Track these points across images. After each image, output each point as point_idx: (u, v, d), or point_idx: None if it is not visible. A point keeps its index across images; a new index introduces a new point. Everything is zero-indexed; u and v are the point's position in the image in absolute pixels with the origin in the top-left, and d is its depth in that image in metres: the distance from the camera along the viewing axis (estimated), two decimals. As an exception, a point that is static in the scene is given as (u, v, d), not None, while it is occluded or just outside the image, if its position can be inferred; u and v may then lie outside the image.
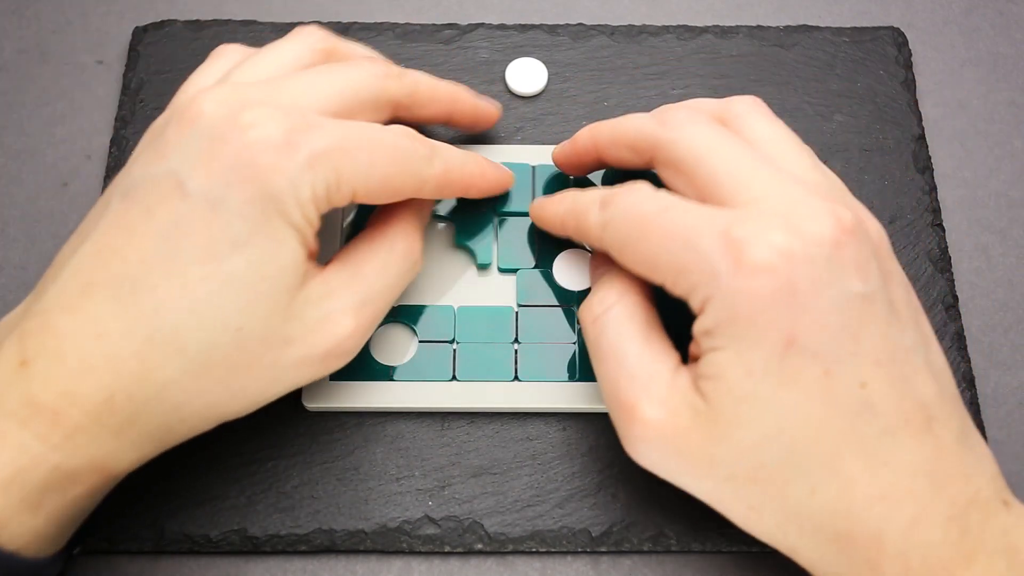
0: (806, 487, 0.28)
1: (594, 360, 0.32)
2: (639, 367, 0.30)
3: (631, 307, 0.31)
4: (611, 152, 0.34)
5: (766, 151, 0.31)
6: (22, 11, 0.45)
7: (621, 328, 0.31)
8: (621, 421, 0.30)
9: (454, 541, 0.35)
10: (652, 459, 0.30)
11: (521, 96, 0.42)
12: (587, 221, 0.32)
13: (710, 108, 0.33)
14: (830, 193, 0.30)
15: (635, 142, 0.33)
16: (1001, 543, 0.28)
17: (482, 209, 0.39)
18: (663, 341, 0.31)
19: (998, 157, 0.43)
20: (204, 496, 0.35)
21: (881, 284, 0.28)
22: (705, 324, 0.28)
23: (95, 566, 0.35)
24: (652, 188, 0.31)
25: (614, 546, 0.35)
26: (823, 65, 0.43)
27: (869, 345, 0.28)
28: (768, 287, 0.27)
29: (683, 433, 0.29)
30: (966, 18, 0.46)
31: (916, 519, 0.27)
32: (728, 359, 0.28)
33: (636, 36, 0.44)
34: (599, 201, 0.32)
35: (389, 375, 0.36)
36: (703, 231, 0.28)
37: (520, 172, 0.40)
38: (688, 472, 0.30)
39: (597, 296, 0.32)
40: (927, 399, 0.28)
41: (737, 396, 0.28)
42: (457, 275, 0.38)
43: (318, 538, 0.34)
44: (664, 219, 0.29)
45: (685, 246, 0.29)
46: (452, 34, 0.44)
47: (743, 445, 0.28)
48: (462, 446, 0.36)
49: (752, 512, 0.29)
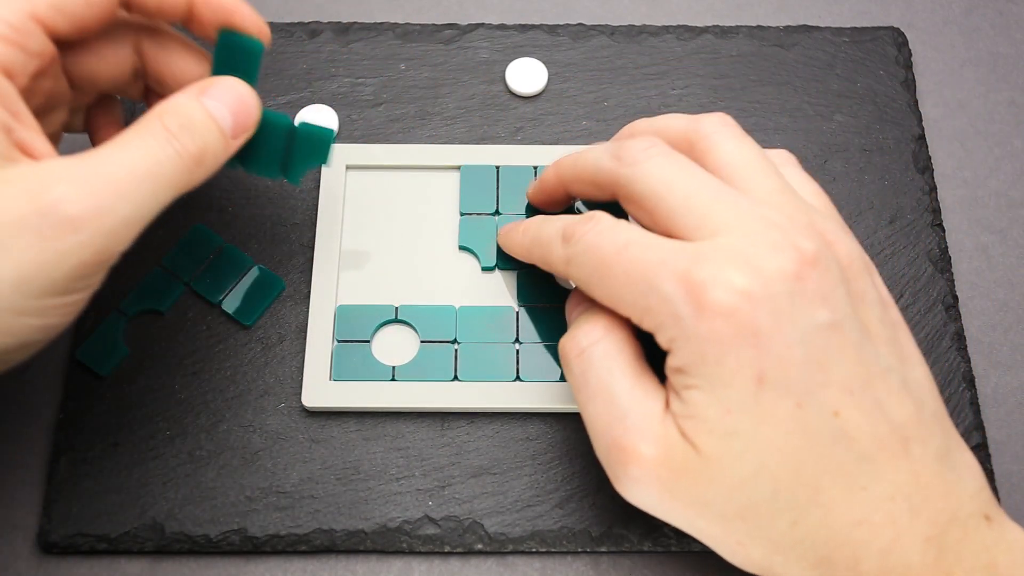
0: (789, 519, 0.28)
1: (580, 395, 0.31)
2: (631, 406, 0.29)
3: (618, 342, 0.31)
4: (576, 188, 0.34)
5: (731, 176, 0.31)
6: (22, 11, 0.45)
7: (609, 363, 0.30)
8: (614, 461, 0.30)
9: (454, 541, 0.35)
10: (643, 498, 0.30)
11: (521, 96, 0.42)
12: (551, 256, 0.32)
13: (677, 129, 0.33)
14: (794, 219, 0.29)
15: (595, 178, 0.33)
16: (981, 560, 0.28)
17: (483, 211, 0.39)
18: (651, 378, 0.30)
19: (998, 157, 0.43)
20: (204, 496, 0.35)
21: (849, 310, 0.28)
22: (675, 363, 0.28)
23: (95, 566, 0.35)
24: (612, 220, 0.30)
25: (614, 546, 0.35)
26: (823, 65, 0.43)
27: (839, 373, 0.28)
28: (731, 329, 0.27)
29: (677, 473, 0.29)
30: (966, 18, 0.46)
31: (893, 542, 0.28)
32: (704, 399, 0.28)
33: (636, 36, 0.44)
34: (561, 235, 0.32)
35: (390, 375, 0.36)
36: (663, 273, 0.28)
37: (520, 173, 0.40)
38: (680, 511, 0.29)
39: (583, 329, 0.31)
40: (903, 420, 0.28)
41: (719, 435, 0.28)
42: (458, 276, 0.38)
43: (318, 538, 0.34)
44: (624, 258, 0.29)
45: (647, 287, 0.28)
46: (452, 34, 0.44)
47: (730, 484, 0.28)
48: (462, 446, 0.36)
49: (740, 547, 0.29)
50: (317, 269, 0.38)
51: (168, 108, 0.30)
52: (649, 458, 0.29)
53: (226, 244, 0.39)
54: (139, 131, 0.30)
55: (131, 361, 0.37)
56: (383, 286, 0.38)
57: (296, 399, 0.36)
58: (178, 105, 0.31)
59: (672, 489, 0.29)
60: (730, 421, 0.28)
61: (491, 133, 0.41)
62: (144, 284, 0.38)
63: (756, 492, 0.28)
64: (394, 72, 0.43)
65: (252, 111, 0.32)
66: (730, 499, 0.28)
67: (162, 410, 0.36)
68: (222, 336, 0.38)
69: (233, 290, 0.38)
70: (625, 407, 0.29)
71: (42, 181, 0.27)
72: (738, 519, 0.29)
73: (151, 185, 0.29)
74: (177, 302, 0.38)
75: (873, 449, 0.28)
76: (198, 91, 0.31)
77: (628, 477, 0.29)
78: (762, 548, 0.29)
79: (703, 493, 0.29)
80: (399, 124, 0.42)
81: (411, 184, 0.40)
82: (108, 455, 0.36)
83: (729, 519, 0.29)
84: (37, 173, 0.27)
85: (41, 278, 0.27)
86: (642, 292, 0.29)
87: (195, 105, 0.31)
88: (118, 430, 0.36)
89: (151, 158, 0.29)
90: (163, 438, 0.36)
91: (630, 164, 0.31)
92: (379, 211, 0.40)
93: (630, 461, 0.29)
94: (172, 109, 0.30)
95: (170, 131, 0.30)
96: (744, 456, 0.28)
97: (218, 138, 0.31)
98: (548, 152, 0.40)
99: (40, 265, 0.27)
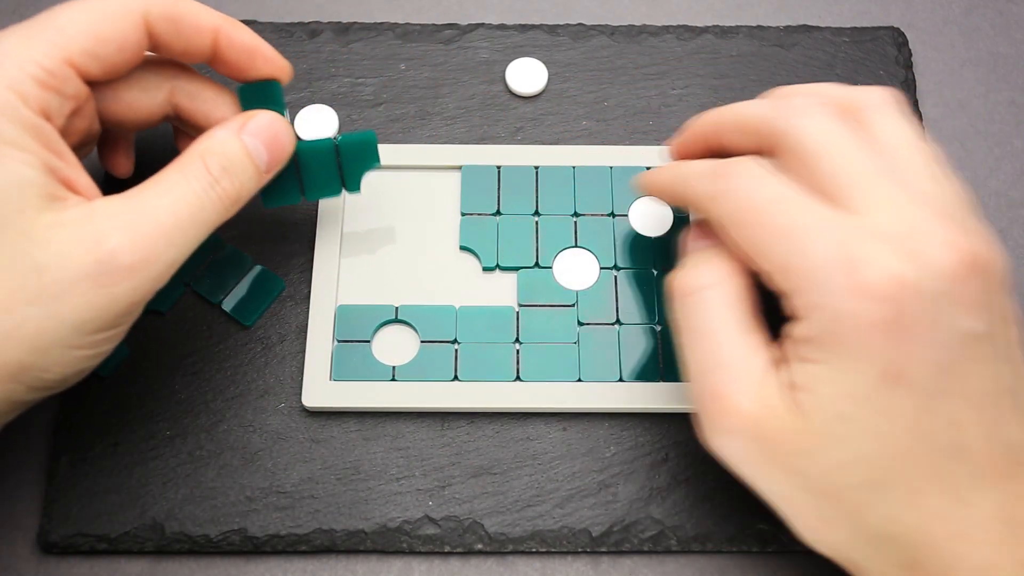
0: (885, 513, 0.28)
1: (683, 335, 0.31)
2: (734, 357, 0.29)
3: (736, 290, 0.30)
4: (730, 137, 0.33)
5: (891, 157, 0.29)
6: (22, 11, 0.45)
7: (723, 311, 0.30)
8: (710, 408, 0.29)
9: (454, 541, 0.35)
10: (732, 451, 0.29)
11: (521, 96, 0.42)
12: (695, 190, 0.32)
13: (836, 96, 0.31)
14: (955, 214, 0.28)
15: (756, 125, 0.31)
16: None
17: (484, 211, 0.39)
18: (761, 334, 0.30)
19: (998, 157, 0.43)
20: (204, 496, 0.35)
21: (998, 323, 0.28)
22: (804, 331, 0.28)
23: (95, 566, 0.35)
24: (765, 170, 0.30)
25: (614, 546, 0.35)
26: (823, 65, 0.43)
27: (970, 386, 0.27)
28: (878, 315, 0.26)
29: (774, 435, 0.28)
30: (966, 18, 0.46)
31: (990, 561, 0.27)
32: (826, 376, 0.27)
33: (636, 36, 0.44)
34: (711, 171, 0.31)
35: (391, 375, 0.36)
36: (818, 237, 0.27)
37: (521, 173, 0.40)
38: (767, 474, 0.29)
39: (699, 269, 0.31)
40: (1017, 444, 0.28)
41: (831, 414, 0.27)
42: (459, 276, 0.38)
43: (318, 538, 0.34)
44: (777, 211, 0.28)
45: (796, 247, 0.28)
46: (452, 34, 0.44)
47: (831, 463, 0.28)
48: (462, 446, 0.36)
49: (822, 524, 0.29)
50: (317, 269, 0.38)
51: (211, 148, 0.32)
52: (746, 413, 0.28)
53: (226, 244, 0.39)
54: (184, 172, 0.31)
55: (131, 361, 0.37)
56: (383, 286, 0.38)
57: (296, 399, 0.36)
58: (221, 144, 0.32)
59: (764, 450, 0.28)
60: (847, 406, 0.27)
61: (491, 133, 0.41)
62: (144, 284, 0.38)
63: (855, 476, 0.28)
64: (394, 72, 0.43)
65: (287, 147, 0.34)
66: (826, 477, 0.28)
67: (162, 410, 0.36)
68: (222, 336, 0.38)
69: (233, 290, 0.38)
70: (729, 357, 0.29)
71: (98, 229, 0.29)
72: (831, 498, 0.28)
73: (195, 230, 0.31)
74: (177, 302, 0.38)
75: (985, 467, 0.27)
76: (239, 127, 0.32)
77: (720, 427, 0.29)
78: (848, 533, 0.29)
79: (798, 463, 0.28)
80: (399, 124, 0.42)
81: (411, 184, 0.40)
82: (108, 455, 0.36)
83: (821, 495, 0.28)
84: (91, 217, 0.29)
85: (96, 320, 0.29)
86: (787, 250, 0.28)
87: (236, 144, 0.32)
88: (118, 430, 0.36)
89: (196, 203, 0.31)
90: (163, 438, 0.36)
91: (797, 116, 0.30)
92: (379, 211, 0.40)
93: (726, 412, 0.29)
94: (215, 149, 0.32)
95: (212, 174, 0.31)
96: (851, 441, 0.27)
97: (253, 176, 0.33)
98: (548, 152, 0.40)
99: (97, 308, 0.29)
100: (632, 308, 0.37)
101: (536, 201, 0.39)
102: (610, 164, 0.40)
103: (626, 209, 0.39)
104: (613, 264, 0.38)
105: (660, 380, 0.36)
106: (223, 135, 0.32)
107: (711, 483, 0.35)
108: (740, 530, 0.35)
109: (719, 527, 0.35)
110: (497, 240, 0.39)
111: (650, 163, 0.40)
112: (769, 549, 0.34)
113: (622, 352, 0.37)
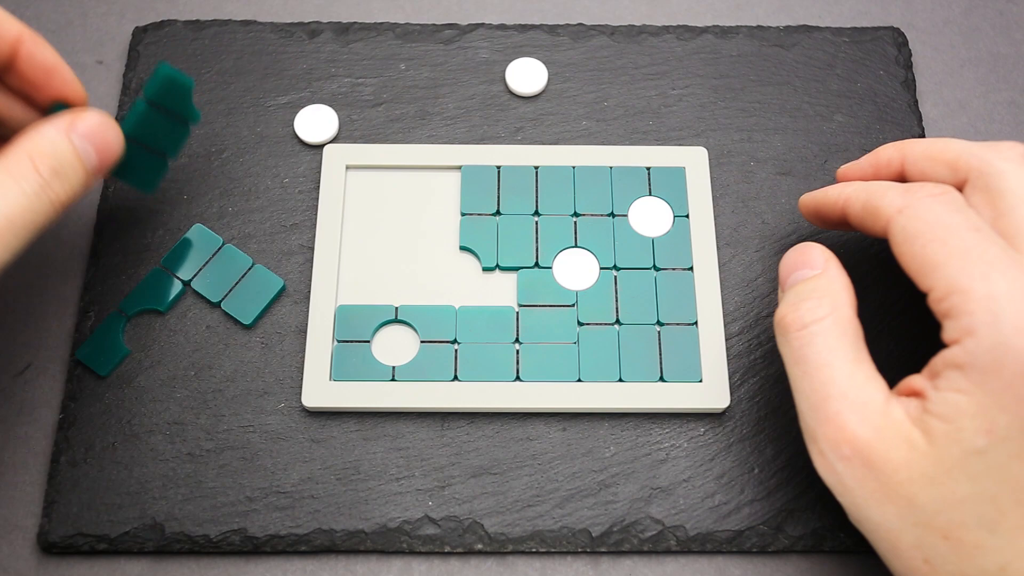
0: (997, 560, 0.27)
1: (794, 368, 0.31)
2: (851, 386, 0.29)
3: (844, 322, 0.30)
4: (921, 166, 0.34)
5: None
6: (22, 11, 0.45)
7: (833, 343, 0.30)
8: (824, 435, 0.29)
9: (454, 541, 0.35)
10: (844, 479, 0.29)
11: (521, 96, 0.42)
12: (883, 199, 0.32)
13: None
14: None
15: (954, 158, 0.32)
16: None
17: (484, 211, 0.39)
18: (870, 364, 0.30)
19: (998, 157, 0.43)
20: (204, 496, 0.35)
21: None
22: (957, 357, 0.28)
23: (95, 566, 0.35)
24: (960, 196, 0.30)
25: (614, 546, 0.35)
26: (823, 65, 0.43)
27: None
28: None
29: (891, 465, 0.28)
30: (966, 18, 0.46)
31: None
32: (971, 408, 0.27)
33: (636, 36, 0.44)
34: (903, 187, 0.31)
35: (390, 375, 0.36)
36: (1002, 270, 0.28)
37: (521, 173, 0.40)
38: (878, 504, 0.29)
39: (808, 304, 0.31)
40: None
41: (967, 448, 0.27)
42: (459, 276, 0.38)
43: (318, 538, 0.35)
44: (966, 234, 0.29)
45: (978, 272, 0.28)
46: (452, 34, 0.44)
47: (952, 497, 0.27)
48: (462, 446, 0.36)
49: (926, 565, 0.28)
50: (317, 269, 0.38)
51: (41, 149, 0.31)
52: (864, 440, 0.28)
53: (226, 244, 0.39)
54: (12, 173, 0.30)
55: (131, 361, 0.37)
56: (383, 286, 0.38)
57: (296, 399, 0.36)
58: (51, 145, 0.31)
59: (880, 478, 0.28)
60: (985, 442, 0.27)
61: (491, 133, 0.41)
62: (144, 284, 0.38)
63: (974, 515, 0.27)
64: (394, 72, 0.43)
65: (115, 150, 0.33)
66: (943, 511, 0.28)
67: (162, 410, 0.36)
68: (222, 336, 0.38)
69: (233, 290, 0.38)
70: (845, 386, 0.29)
71: None
72: (940, 535, 0.28)
73: (25, 233, 0.30)
74: (177, 302, 0.38)
75: None
76: (67, 126, 0.32)
77: (836, 453, 0.29)
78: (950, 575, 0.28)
79: (915, 493, 0.28)
80: (399, 124, 0.42)
81: (411, 184, 0.40)
82: (108, 455, 0.36)
83: (930, 531, 0.28)
84: None
85: None
86: (967, 272, 0.28)
87: (66, 147, 0.32)
88: (118, 430, 0.36)
89: (27, 206, 0.30)
90: (163, 438, 0.36)
91: (1004, 159, 0.31)
92: (379, 211, 0.40)
93: (844, 439, 0.29)
94: (45, 150, 0.31)
95: (43, 177, 0.31)
96: (981, 480, 0.27)
97: (82, 179, 0.32)
98: (548, 152, 0.40)
99: None
100: (632, 308, 0.37)
101: (536, 201, 0.39)
102: (610, 164, 0.40)
103: (626, 209, 0.39)
104: (613, 264, 0.38)
105: (660, 380, 0.36)
106: (52, 135, 0.32)
107: (711, 483, 0.35)
108: (740, 530, 0.35)
109: (719, 527, 0.35)
110: (497, 240, 0.39)
111: (650, 163, 0.40)
112: (769, 549, 0.35)
113: (622, 352, 0.37)
